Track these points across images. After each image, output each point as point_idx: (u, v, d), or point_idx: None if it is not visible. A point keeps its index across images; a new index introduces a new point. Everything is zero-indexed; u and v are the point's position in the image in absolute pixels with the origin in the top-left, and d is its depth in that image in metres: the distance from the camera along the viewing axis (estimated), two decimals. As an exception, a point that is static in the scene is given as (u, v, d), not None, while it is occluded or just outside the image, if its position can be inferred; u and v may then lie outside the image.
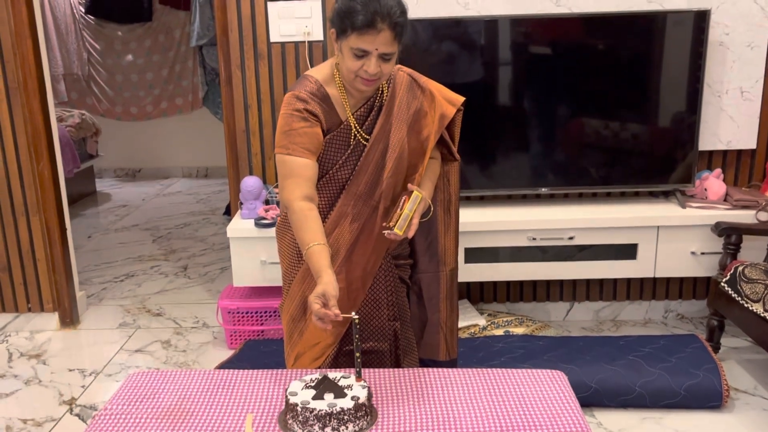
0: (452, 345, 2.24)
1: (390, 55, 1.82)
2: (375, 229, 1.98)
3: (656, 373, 2.69)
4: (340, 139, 1.95)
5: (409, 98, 1.98)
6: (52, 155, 3.40)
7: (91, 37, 6.54)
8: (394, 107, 1.96)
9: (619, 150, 3.22)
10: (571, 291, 3.50)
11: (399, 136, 1.96)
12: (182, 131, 6.96)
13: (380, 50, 1.79)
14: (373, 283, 2.06)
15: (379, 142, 1.95)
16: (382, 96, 1.97)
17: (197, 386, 1.86)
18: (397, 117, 1.96)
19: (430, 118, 2.00)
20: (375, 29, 1.75)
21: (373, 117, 1.96)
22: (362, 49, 1.78)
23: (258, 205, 3.19)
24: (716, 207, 3.12)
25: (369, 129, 1.96)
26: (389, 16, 1.75)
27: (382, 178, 1.96)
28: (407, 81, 1.99)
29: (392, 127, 1.95)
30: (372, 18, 1.75)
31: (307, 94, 1.89)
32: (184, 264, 4.46)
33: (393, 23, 1.77)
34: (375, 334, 2.09)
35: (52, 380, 3.05)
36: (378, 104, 1.97)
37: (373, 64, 1.80)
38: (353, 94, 1.93)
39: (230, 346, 3.28)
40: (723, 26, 3.09)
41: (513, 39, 3.13)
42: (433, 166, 2.10)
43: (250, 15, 3.21)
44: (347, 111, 1.94)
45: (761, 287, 2.65)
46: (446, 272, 2.18)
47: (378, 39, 1.77)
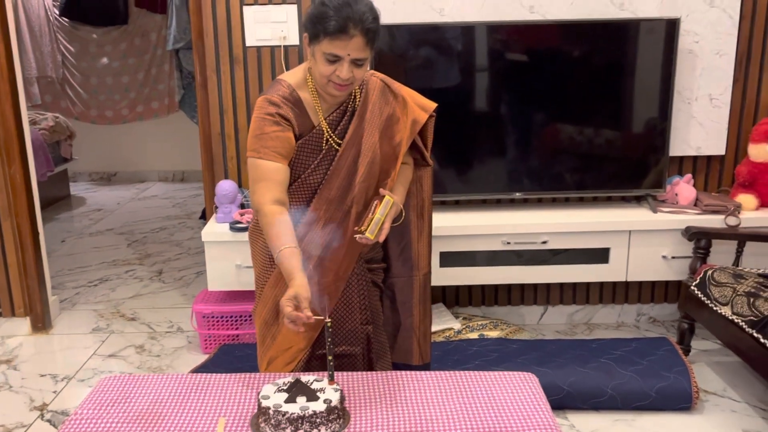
0: (425, 349, 2.25)
1: (362, 60, 1.83)
2: (347, 234, 1.98)
3: (628, 376, 2.73)
4: (312, 144, 1.95)
5: (382, 104, 1.99)
6: (24, 159, 3.36)
7: (66, 39, 6.48)
8: (366, 112, 1.97)
9: (591, 155, 3.26)
10: (545, 295, 3.54)
11: (371, 141, 1.97)
12: (158, 135, 6.92)
13: (352, 56, 1.80)
14: (346, 287, 2.06)
15: (351, 147, 1.96)
16: (354, 101, 1.98)
17: (169, 390, 1.85)
18: (369, 122, 1.97)
19: (402, 124, 2.02)
20: (347, 35, 1.77)
21: (346, 122, 1.97)
22: (334, 54, 1.80)
23: (233, 209, 3.19)
24: (687, 212, 3.17)
25: (341, 134, 1.97)
26: (361, 21, 1.77)
27: (354, 182, 1.97)
28: (380, 86, 2.01)
29: (365, 132, 1.96)
30: (344, 24, 1.76)
31: (280, 98, 1.90)
32: (159, 268, 4.44)
33: (365, 29, 1.78)
34: (348, 338, 2.09)
35: (23, 386, 3.01)
36: (351, 109, 1.98)
37: (345, 69, 1.81)
38: (326, 99, 1.94)
39: (205, 351, 3.27)
40: (693, 34, 3.15)
41: (488, 45, 3.16)
42: (406, 171, 2.11)
43: (226, 19, 3.21)
44: (320, 115, 1.94)
45: (729, 291, 2.69)
46: (419, 277, 2.19)
47: (350, 45, 1.78)
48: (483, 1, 3.12)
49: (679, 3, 3.11)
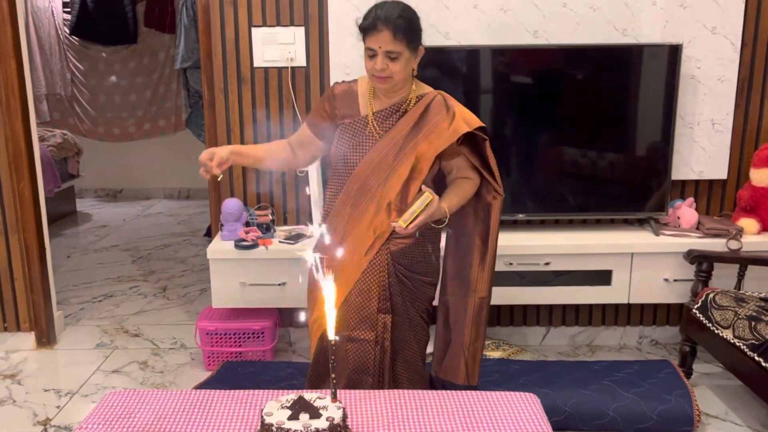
0: (473, 371, 2.32)
1: (394, 53, 2.09)
2: (367, 217, 2.19)
3: (629, 398, 2.73)
4: (354, 127, 2.24)
5: (433, 114, 2.21)
6: (33, 175, 3.41)
7: (75, 57, 6.56)
8: (417, 115, 2.20)
9: (594, 178, 3.29)
10: (547, 316, 3.55)
11: (413, 140, 2.19)
12: (164, 152, 6.98)
13: (383, 48, 2.08)
14: (367, 275, 2.21)
15: (391, 140, 2.19)
16: (408, 104, 2.22)
17: (173, 407, 1.87)
18: (417, 125, 2.19)
19: (444, 131, 2.19)
20: (376, 30, 2.08)
21: (395, 119, 2.22)
22: (370, 48, 2.11)
23: (239, 227, 3.22)
24: (689, 235, 3.19)
25: (387, 128, 2.21)
26: (387, 18, 2.07)
27: (383, 174, 2.18)
28: (439, 100, 2.23)
29: (408, 130, 2.19)
30: (374, 21, 2.09)
31: (339, 86, 2.32)
32: (163, 285, 4.46)
33: (392, 24, 2.06)
34: (362, 324, 2.22)
35: (26, 400, 3.03)
36: (402, 110, 2.22)
37: (379, 61, 2.10)
38: (381, 98, 2.23)
39: (208, 368, 3.28)
40: (695, 60, 3.19)
41: (493, 68, 3.20)
42: (465, 185, 2.26)
43: (234, 40, 3.26)
44: (369, 107, 2.24)
45: (731, 314, 2.71)
46: (475, 299, 2.29)
47: (380, 38, 2.08)
48: (488, 25, 3.17)
49: (681, 29, 3.16)
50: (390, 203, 2.18)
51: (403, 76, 2.15)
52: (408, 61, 2.13)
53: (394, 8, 2.10)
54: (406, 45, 2.10)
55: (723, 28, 3.16)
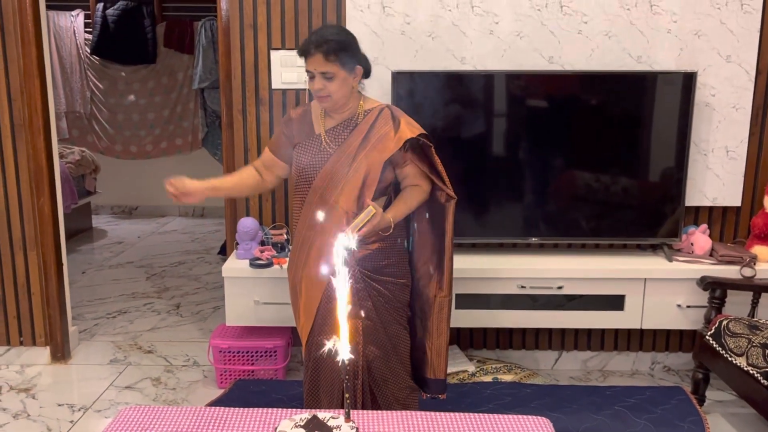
0: (438, 366, 2.44)
1: (328, 74, 2.22)
2: (328, 226, 2.28)
3: (642, 424, 2.72)
4: (310, 145, 2.37)
5: (381, 124, 2.33)
6: (53, 191, 3.46)
7: (95, 76, 6.67)
8: (365, 127, 2.32)
9: (608, 203, 3.30)
10: (559, 340, 3.54)
11: (364, 151, 2.30)
12: (180, 171, 6.91)
13: (318, 69, 2.23)
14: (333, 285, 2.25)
15: (343, 153, 2.31)
16: (356, 119, 2.35)
17: (188, 423, 1.88)
18: (366, 137, 2.31)
19: (390, 140, 2.31)
20: (309, 54, 2.23)
21: (346, 134, 2.34)
22: (308, 71, 2.26)
23: (254, 246, 3.25)
24: (702, 261, 3.19)
25: (339, 142, 2.33)
26: (317, 42, 2.22)
27: (339, 185, 2.30)
28: (386, 112, 2.35)
29: (358, 142, 2.31)
30: (306, 46, 2.25)
31: (295, 110, 2.48)
32: (177, 302, 4.49)
33: (322, 45, 2.21)
34: (333, 329, 2.28)
35: (40, 414, 3.05)
36: (353, 125, 2.34)
37: (316, 81, 2.24)
38: (332, 116, 2.36)
39: (220, 386, 3.30)
40: (710, 88, 3.21)
41: (507, 93, 3.24)
42: (413, 191, 2.37)
43: (254, 62, 3.31)
44: (321, 126, 2.37)
45: (745, 341, 2.70)
46: (438, 298, 2.40)
47: (313, 61, 2.23)
48: (503, 51, 3.21)
49: (696, 57, 3.18)
50: (347, 212, 2.29)
51: (342, 94, 2.28)
52: (344, 81, 2.26)
53: (327, 32, 2.25)
54: (340, 66, 2.23)
55: (738, 56, 3.18)
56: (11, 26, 3.26)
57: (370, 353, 2.36)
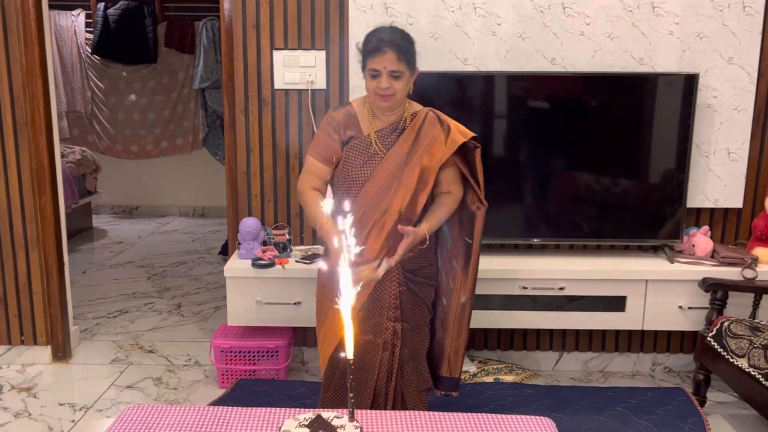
0: (455, 365, 2.46)
1: (397, 72, 2.24)
2: (384, 230, 2.30)
3: (643, 425, 2.73)
4: (359, 147, 2.35)
5: (429, 128, 2.35)
6: (55, 191, 3.46)
7: (96, 76, 6.67)
8: (415, 132, 2.33)
9: (609, 204, 3.31)
10: (560, 341, 3.55)
11: (416, 155, 2.32)
12: (181, 171, 7.05)
13: (388, 68, 2.23)
14: (379, 285, 2.32)
15: (395, 156, 2.32)
16: (405, 122, 2.36)
17: (191, 423, 1.89)
18: (416, 140, 2.33)
19: (442, 144, 2.33)
20: (381, 51, 2.23)
21: (395, 137, 2.35)
22: (374, 69, 2.25)
23: (256, 246, 3.25)
24: (703, 263, 3.19)
25: (389, 146, 2.34)
26: (391, 41, 2.24)
27: (392, 188, 2.31)
28: (432, 116, 2.37)
29: (410, 147, 2.32)
30: (378, 44, 2.25)
31: (339, 113, 2.40)
32: (177, 302, 4.49)
33: (395, 45, 2.23)
34: (373, 329, 2.35)
35: (42, 414, 3.05)
36: (401, 128, 2.35)
37: (384, 80, 2.24)
38: (379, 117, 2.36)
39: (222, 386, 3.30)
40: (711, 90, 3.22)
41: (509, 94, 3.24)
42: (447, 200, 2.39)
43: (256, 62, 3.32)
44: (371, 127, 2.35)
45: (746, 343, 2.70)
46: (460, 300, 2.41)
47: (384, 59, 2.23)
48: (506, 52, 3.21)
49: (698, 59, 3.19)
50: (401, 213, 2.30)
51: (403, 94, 2.31)
52: (408, 81, 2.30)
53: (395, 32, 2.28)
54: (407, 66, 2.26)
55: (740, 58, 3.19)
56: (14, 25, 3.26)
57: (404, 355, 2.38)
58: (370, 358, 2.35)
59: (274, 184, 3.43)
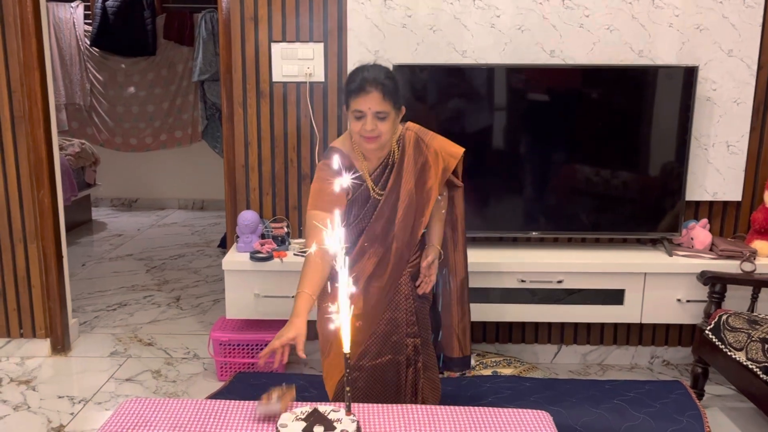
0: (465, 344, 2.51)
1: (383, 113, 2.14)
2: (389, 265, 2.30)
3: (641, 418, 2.73)
4: (361, 198, 2.30)
5: (416, 155, 2.29)
6: (53, 183, 3.46)
7: (95, 68, 6.64)
8: (404, 163, 2.28)
9: (608, 197, 3.30)
10: (559, 334, 3.55)
11: (408, 187, 2.28)
12: (180, 163, 7.04)
13: (373, 109, 2.13)
14: (395, 306, 2.34)
15: (392, 193, 2.28)
16: (393, 155, 2.29)
17: (189, 416, 1.89)
18: (406, 171, 2.28)
19: (434, 171, 2.30)
20: (365, 91, 2.12)
21: (387, 174, 2.29)
22: (359, 110, 2.14)
23: (254, 239, 3.25)
24: (702, 256, 3.19)
25: (383, 185, 2.29)
26: (375, 80, 2.13)
27: (394, 222, 2.29)
28: (414, 139, 2.30)
29: (402, 180, 2.28)
30: (361, 83, 2.13)
31: (329, 161, 2.26)
32: (177, 295, 4.49)
33: (379, 85, 2.13)
34: (393, 349, 2.35)
35: (41, 407, 3.06)
36: (391, 162, 2.29)
37: (369, 121, 2.14)
38: (369, 158, 2.27)
39: (220, 378, 3.31)
40: (711, 82, 3.21)
41: (508, 87, 3.23)
42: (439, 206, 2.38)
43: (254, 55, 3.31)
44: (365, 174, 2.28)
45: (744, 336, 2.70)
46: (457, 282, 2.46)
47: (368, 99, 2.12)
48: (504, 45, 3.20)
49: (697, 51, 3.18)
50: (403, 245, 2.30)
51: (389, 135, 2.20)
52: (394, 121, 2.20)
53: (379, 71, 2.17)
54: (392, 105, 2.15)
55: (739, 50, 3.18)
56: (11, 18, 3.24)
57: (421, 366, 2.39)
58: (393, 377, 2.35)
59: (272, 177, 3.42)
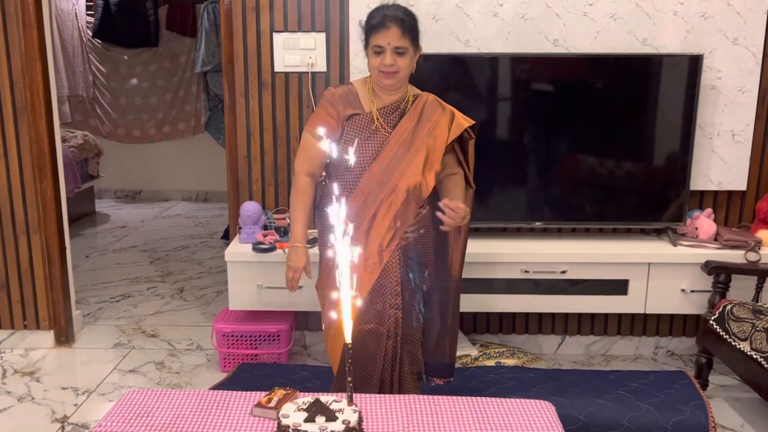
0: (453, 347, 2.52)
1: (402, 48, 2.22)
2: (391, 208, 2.29)
3: (644, 408, 2.72)
4: (359, 124, 2.32)
5: (431, 110, 2.35)
6: (56, 175, 3.45)
7: (98, 60, 6.64)
8: (418, 114, 2.33)
9: (612, 187, 3.29)
10: (562, 324, 3.54)
11: (421, 135, 2.31)
12: (183, 155, 7.04)
13: (392, 44, 2.21)
14: (383, 273, 2.30)
15: (400, 137, 2.31)
16: (407, 104, 2.35)
17: (191, 406, 1.89)
18: (420, 121, 2.33)
19: (446, 126, 2.34)
20: (385, 27, 2.22)
21: (397, 117, 2.33)
22: (378, 45, 2.23)
23: (257, 230, 3.24)
24: (706, 246, 3.17)
25: (392, 124, 2.32)
26: (395, 17, 2.23)
27: (399, 166, 2.29)
28: (432, 98, 2.39)
29: (414, 128, 2.31)
30: (382, 19, 2.23)
31: (337, 91, 2.37)
32: (180, 286, 4.50)
33: (399, 20, 2.22)
34: (376, 317, 2.32)
35: (45, 398, 3.07)
36: (402, 108, 2.34)
37: (388, 56, 2.22)
38: (381, 96, 2.33)
39: (224, 369, 3.31)
40: (716, 71, 3.18)
41: (512, 76, 3.21)
42: (459, 181, 2.42)
43: (256, 45, 3.29)
44: (372, 105, 2.33)
45: (749, 326, 2.69)
46: (452, 283, 2.46)
47: (389, 35, 2.21)
48: (508, 34, 3.18)
49: (702, 39, 3.15)
50: (409, 192, 2.29)
51: (407, 72, 2.29)
52: (412, 59, 2.28)
53: (398, 9, 2.27)
54: (410, 42, 2.25)
55: (744, 39, 3.15)
56: (12, 9, 3.23)
57: (401, 339, 2.36)
58: (374, 348, 2.32)
59: (274, 168, 3.41)
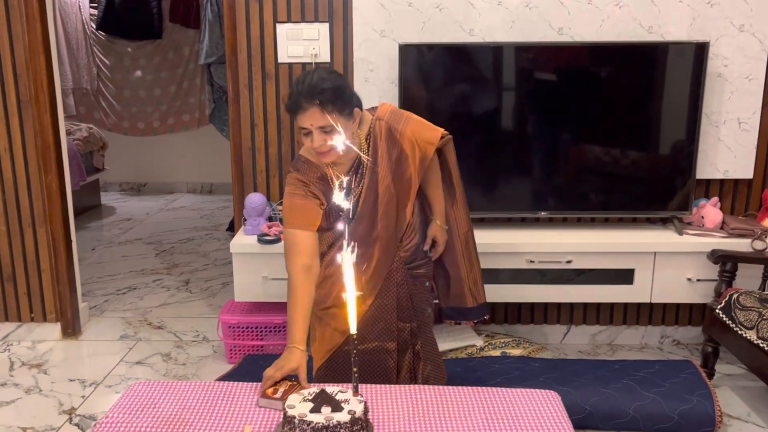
0: (477, 293, 2.48)
1: (327, 127, 1.94)
2: (373, 261, 2.19)
3: (650, 398, 2.72)
4: (335, 209, 2.13)
5: (389, 147, 2.13)
6: (60, 168, 3.46)
7: (101, 52, 6.63)
8: (377, 159, 2.13)
9: (618, 176, 3.27)
10: (568, 314, 3.54)
11: (386, 183, 2.14)
12: (188, 147, 7.04)
13: (315, 125, 1.95)
14: (382, 291, 2.24)
15: (370, 193, 2.14)
16: (363, 151, 2.12)
17: (197, 397, 1.90)
18: (381, 167, 2.13)
19: (411, 161, 2.16)
20: (301, 108, 1.95)
21: (360, 174, 2.15)
22: (303, 128, 1.98)
23: (261, 222, 3.24)
24: (713, 235, 3.16)
25: (358, 185, 2.15)
26: (310, 93, 1.93)
27: (376, 221, 2.16)
28: (385, 130, 2.14)
29: (378, 177, 2.13)
30: (296, 100, 1.95)
31: (307, 178, 2.12)
32: (186, 278, 4.51)
33: (315, 98, 1.92)
34: (379, 335, 2.24)
35: (52, 390, 3.08)
36: (359, 161, 2.14)
37: (315, 138, 1.97)
38: (338, 163, 2.10)
39: (230, 361, 3.32)
40: (722, 58, 3.16)
41: (516, 65, 3.20)
42: (434, 176, 2.28)
43: (259, 36, 3.28)
44: (331, 171, 2.13)
45: (755, 315, 2.68)
46: (460, 236, 2.40)
47: (308, 116, 1.95)
48: (512, 23, 3.16)
49: (708, 27, 3.13)
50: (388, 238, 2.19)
51: (349, 136, 2.01)
52: (346, 128, 1.98)
53: (313, 85, 1.94)
54: (338, 114, 1.95)
55: (751, 26, 3.13)
56: (16, 2, 3.23)
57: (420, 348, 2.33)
58: (378, 364, 2.25)
59: (279, 160, 3.41)
